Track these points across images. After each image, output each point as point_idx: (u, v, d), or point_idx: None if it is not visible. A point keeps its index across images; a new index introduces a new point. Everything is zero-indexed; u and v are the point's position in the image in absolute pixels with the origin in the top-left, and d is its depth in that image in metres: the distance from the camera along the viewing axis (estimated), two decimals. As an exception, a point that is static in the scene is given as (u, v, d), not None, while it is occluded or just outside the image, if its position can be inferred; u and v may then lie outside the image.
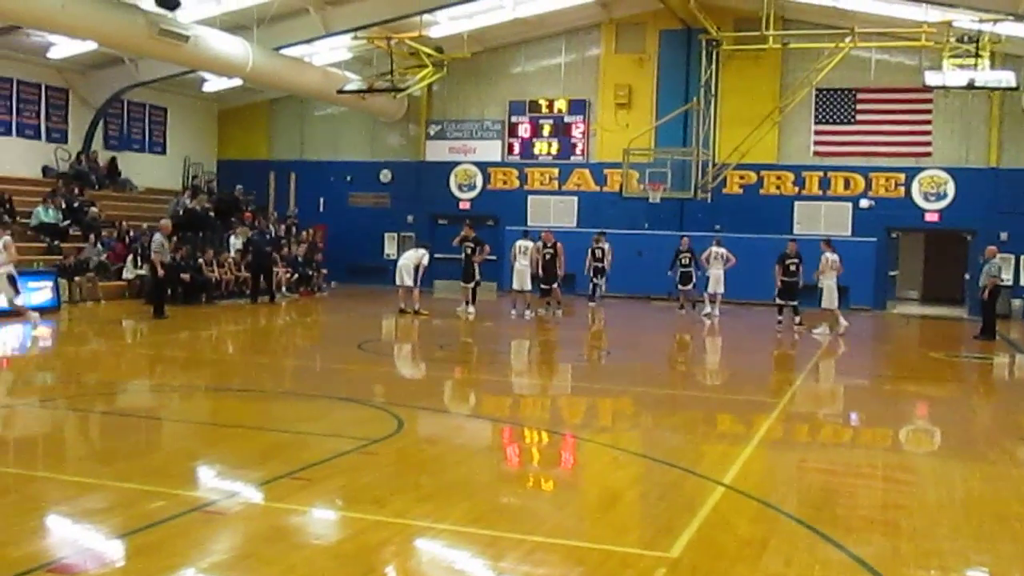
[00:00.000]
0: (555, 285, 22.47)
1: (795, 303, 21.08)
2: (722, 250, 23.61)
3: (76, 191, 25.57)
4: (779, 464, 9.23)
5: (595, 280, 24.54)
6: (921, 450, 10.70)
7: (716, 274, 23.48)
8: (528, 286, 22.22)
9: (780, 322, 21.17)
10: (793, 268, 21.00)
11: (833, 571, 6.01)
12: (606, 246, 24.42)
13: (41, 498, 7.10)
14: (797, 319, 20.96)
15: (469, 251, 22.44)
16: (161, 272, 19.96)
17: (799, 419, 11.80)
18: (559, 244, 22.59)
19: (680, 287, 24.45)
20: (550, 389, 13.99)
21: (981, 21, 22.20)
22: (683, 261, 24.06)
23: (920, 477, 8.87)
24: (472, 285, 22.60)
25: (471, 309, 22.30)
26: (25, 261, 21.24)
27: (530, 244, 22.58)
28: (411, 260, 21.79)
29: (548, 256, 22.26)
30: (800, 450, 9.94)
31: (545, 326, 21.05)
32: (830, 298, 20.48)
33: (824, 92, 27.32)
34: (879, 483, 8.58)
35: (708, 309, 23.60)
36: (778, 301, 21.28)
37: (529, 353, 18.04)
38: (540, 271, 22.28)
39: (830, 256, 20.59)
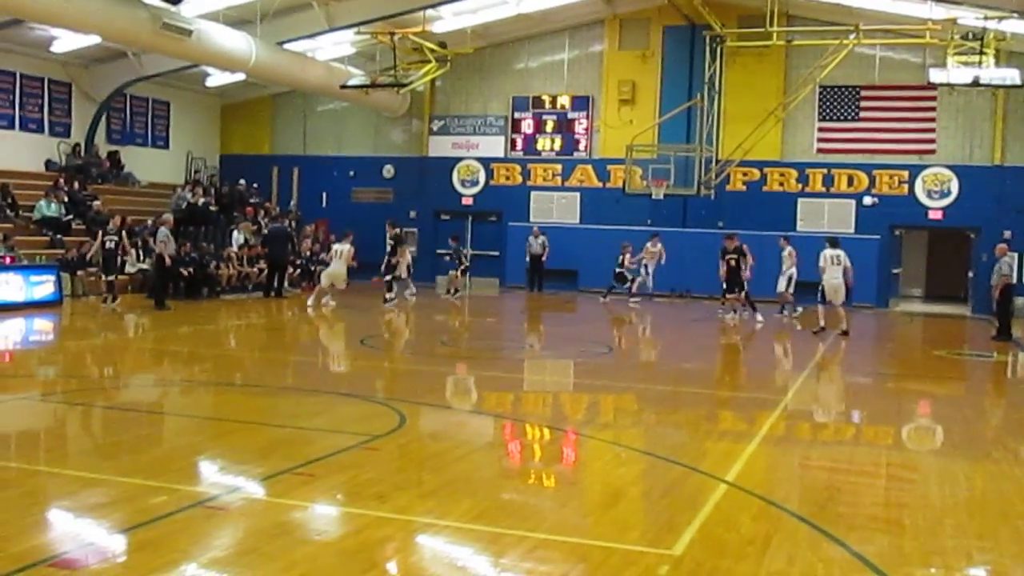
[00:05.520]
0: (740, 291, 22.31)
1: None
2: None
3: (78, 185, 25.56)
4: (782, 462, 9.20)
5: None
6: (924, 448, 10.67)
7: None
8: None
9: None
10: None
11: (836, 569, 5.98)
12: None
13: (43, 493, 7.10)
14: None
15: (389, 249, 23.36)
16: (168, 262, 20.22)
17: (802, 416, 11.78)
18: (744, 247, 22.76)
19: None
20: (552, 385, 13.98)
21: (986, 18, 22.13)
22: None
23: (923, 475, 8.84)
24: (389, 278, 23.19)
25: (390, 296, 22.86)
26: (28, 255, 21.31)
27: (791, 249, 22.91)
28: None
29: (733, 262, 22.04)
30: (803, 447, 9.91)
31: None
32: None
33: (828, 89, 27.27)
34: (882, 481, 8.56)
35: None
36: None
37: (534, 348, 18.03)
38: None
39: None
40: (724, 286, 22.34)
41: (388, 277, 23.06)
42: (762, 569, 5.86)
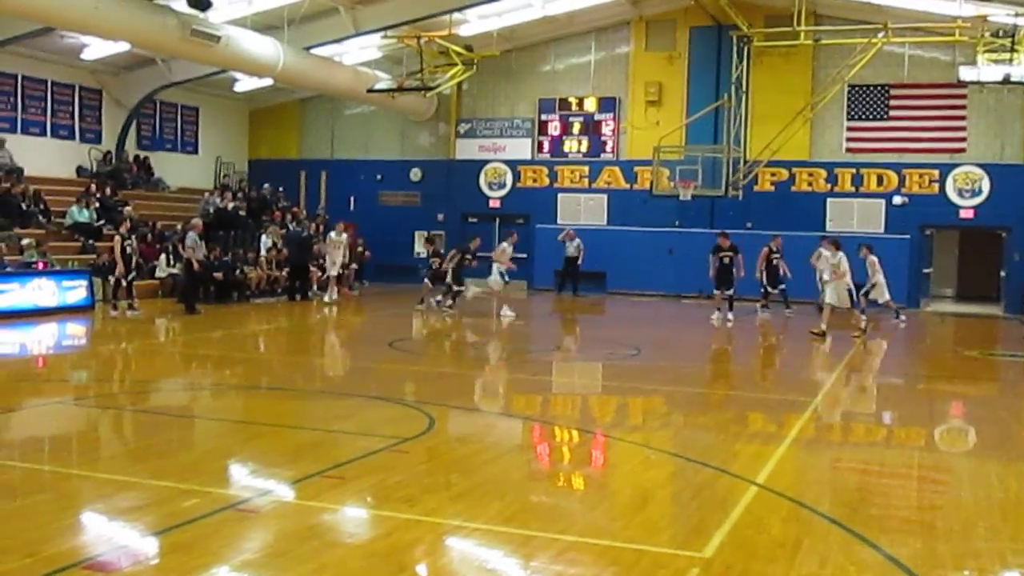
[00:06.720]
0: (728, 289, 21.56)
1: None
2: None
3: (109, 191, 25.79)
4: (813, 463, 9.15)
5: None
6: (957, 450, 10.58)
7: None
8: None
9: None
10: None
11: (868, 572, 5.94)
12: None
13: (76, 496, 7.17)
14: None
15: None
16: (196, 267, 20.37)
17: (832, 418, 11.71)
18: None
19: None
20: (581, 387, 13.96)
21: (1016, 15, 21.94)
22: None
23: (956, 477, 8.76)
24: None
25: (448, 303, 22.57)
26: (60, 261, 21.52)
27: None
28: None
29: (727, 259, 21.48)
30: (834, 449, 9.85)
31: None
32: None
33: (857, 88, 27.08)
34: (914, 483, 8.50)
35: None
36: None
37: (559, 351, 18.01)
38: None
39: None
40: (715, 284, 21.70)
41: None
42: (793, 572, 5.82)
